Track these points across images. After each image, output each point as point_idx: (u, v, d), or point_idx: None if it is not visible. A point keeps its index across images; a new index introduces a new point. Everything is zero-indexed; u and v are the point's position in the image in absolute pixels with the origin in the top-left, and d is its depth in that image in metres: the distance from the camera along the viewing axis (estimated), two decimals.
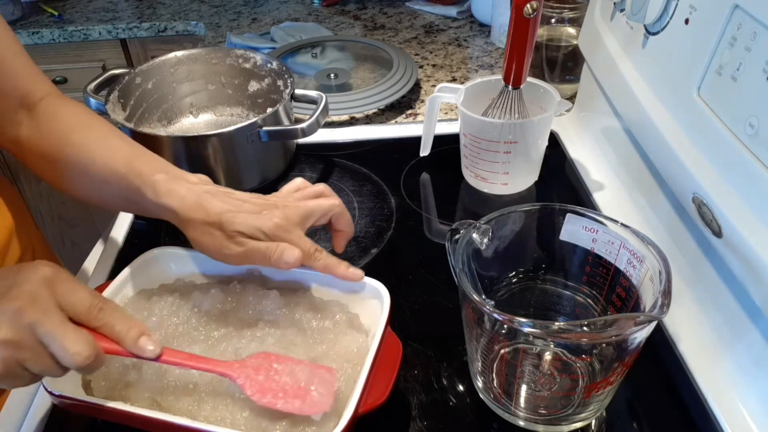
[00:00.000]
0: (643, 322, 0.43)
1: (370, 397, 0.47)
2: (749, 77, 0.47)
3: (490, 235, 0.53)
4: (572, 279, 0.57)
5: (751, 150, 0.47)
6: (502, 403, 0.52)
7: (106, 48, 1.47)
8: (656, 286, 0.46)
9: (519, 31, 0.65)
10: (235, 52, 0.89)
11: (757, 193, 0.46)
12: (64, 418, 0.54)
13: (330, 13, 1.39)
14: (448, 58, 1.14)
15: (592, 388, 0.49)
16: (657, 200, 0.66)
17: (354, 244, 0.72)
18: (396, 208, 0.77)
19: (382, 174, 0.82)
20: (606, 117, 0.77)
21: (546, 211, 0.55)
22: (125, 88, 0.82)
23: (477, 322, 0.49)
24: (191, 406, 0.48)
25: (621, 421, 0.53)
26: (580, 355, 0.53)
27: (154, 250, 0.60)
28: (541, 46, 0.93)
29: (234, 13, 1.43)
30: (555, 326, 0.43)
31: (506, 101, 0.72)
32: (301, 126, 0.76)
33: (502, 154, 0.73)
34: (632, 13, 0.62)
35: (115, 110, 0.79)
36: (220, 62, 0.89)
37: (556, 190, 0.80)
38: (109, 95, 0.79)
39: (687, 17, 0.56)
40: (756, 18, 0.46)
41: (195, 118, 0.91)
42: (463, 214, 0.78)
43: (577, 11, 0.91)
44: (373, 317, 0.53)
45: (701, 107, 0.53)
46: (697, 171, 0.52)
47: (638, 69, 0.65)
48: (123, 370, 0.50)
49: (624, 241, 0.50)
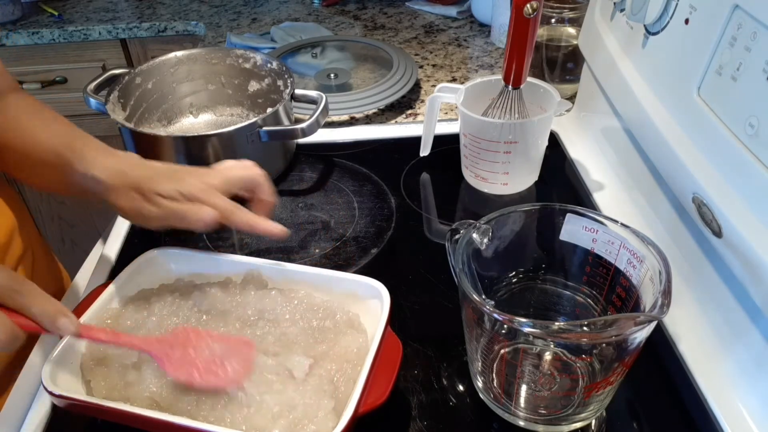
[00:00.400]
0: (643, 322, 0.43)
1: (370, 397, 0.47)
2: (749, 77, 0.47)
3: (490, 235, 0.53)
4: (572, 279, 0.57)
5: (751, 150, 0.47)
6: (502, 403, 0.52)
7: (106, 48, 1.47)
8: (656, 286, 0.46)
9: (519, 31, 0.65)
10: (235, 52, 0.89)
11: (757, 193, 0.46)
12: (64, 418, 0.54)
13: (330, 13, 1.39)
14: (448, 58, 1.14)
15: (592, 388, 0.49)
16: (657, 200, 0.66)
17: (354, 244, 0.72)
18: (396, 208, 0.77)
19: (382, 174, 0.82)
20: (606, 117, 0.77)
21: (546, 211, 0.55)
22: (125, 88, 0.82)
23: (477, 322, 0.49)
24: (190, 406, 0.48)
25: (621, 421, 0.53)
26: (580, 355, 0.53)
27: (154, 250, 0.60)
28: (541, 46, 0.93)
29: (234, 13, 1.43)
30: (555, 326, 0.43)
31: (506, 101, 0.72)
32: (301, 126, 0.76)
33: (502, 154, 0.73)
34: (632, 13, 0.62)
35: (115, 110, 0.79)
36: (220, 62, 0.89)
37: (556, 190, 0.80)
38: (109, 95, 0.79)
39: (687, 17, 0.56)
40: (756, 18, 0.46)
41: (195, 118, 0.91)
42: (463, 214, 0.78)
43: (577, 11, 0.91)
44: (373, 317, 0.53)
45: (701, 107, 0.53)
46: (697, 171, 0.52)
47: (638, 69, 0.65)
48: (123, 370, 0.50)
49: (624, 241, 0.50)
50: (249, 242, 0.73)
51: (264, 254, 0.71)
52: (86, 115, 1.47)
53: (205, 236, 0.74)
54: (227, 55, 0.89)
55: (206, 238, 0.74)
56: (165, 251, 0.60)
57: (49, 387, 0.47)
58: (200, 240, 0.73)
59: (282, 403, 0.47)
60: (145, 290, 0.58)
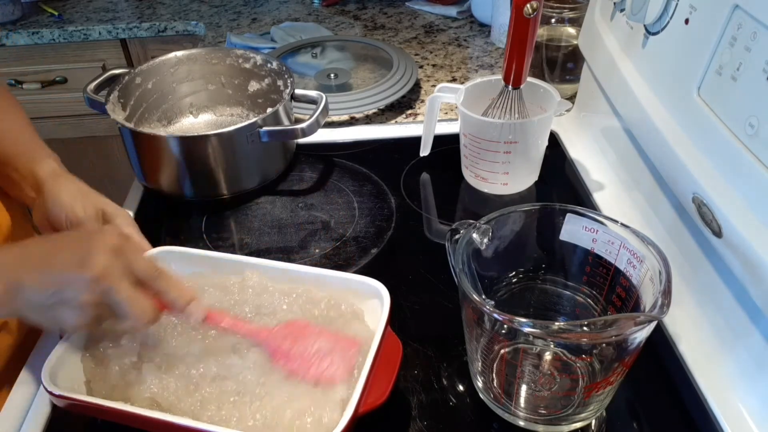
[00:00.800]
0: (643, 322, 0.43)
1: (371, 397, 0.47)
2: (749, 77, 0.47)
3: (490, 235, 0.53)
4: (572, 279, 0.57)
5: (751, 150, 0.47)
6: (502, 403, 0.52)
7: (106, 48, 1.47)
8: (656, 286, 0.46)
9: (519, 31, 0.65)
10: (235, 52, 0.89)
11: (757, 193, 0.46)
12: (64, 418, 0.54)
13: (330, 13, 1.39)
14: (448, 58, 1.14)
15: (592, 388, 0.49)
16: (657, 200, 0.66)
17: (354, 244, 0.72)
18: (396, 208, 0.77)
19: (382, 174, 0.82)
20: (606, 117, 0.77)
21: (546, 211, 0.55)
22: (125, 87, 0.82)
23: (477, 322, 0.49)
24: (193, 407, 0.48)
25: (621, 421, 0.53)
26: (580, 355, 0.53)
27: (155, 250, 0.60)
28: (541, 46, 0.93)
29: (234, 13, 1.43)
30: (555, 326, 0.43)
31: (506, 101, 0.72)
32: (301, 126, 0.76)
33: (502, 154, 0.73)
34: (632, 13, 0.62)
35: (115, 110, 0.79)
36: (220, 62, 0.89)
37: (556, 190, 0.80)
38: (109, 95, 0.79)
39: (687, 17, 0.56)
40: (756, 18, 0.46)
41: (195, 118, 0.91)
42: (463, 214, 0.78)
43: (577, 11, 0.91)
44: (373, 317, 0.53)
45: (701, 107, 0.53)
46: (697, 171, 0.52)
47: (638, 69, 0.65)
48: (123, 370, 0.50)
49: (624, 241, 0.50)
50: (249, 242, 0.73)
51: (264, 254, 0.71)
52: (86, 115, 1.47)
53: (205, 236, 0.74)
54: (227, 55, 0.89)
55: (206, 238, 0.74)
56: (165, 251, 0.60)
57: (49, 387, 0.47)
58: (200, 240, 0.73)
59: (287, 401, 0.47)
60: None
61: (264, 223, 0.76)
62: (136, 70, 0.84)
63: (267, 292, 0.56)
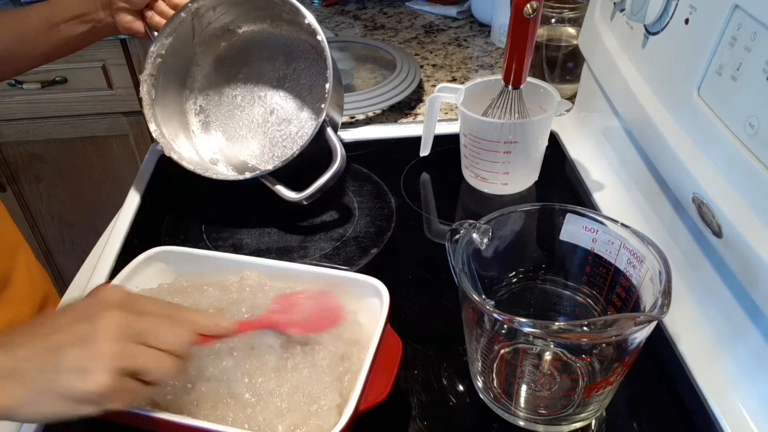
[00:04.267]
0: (643, 322, 0.43)
1: (371, 395, 0.47)
2: (749, 77, 0.47)
3: (490, 235, 0.53)
4: (572, 279, 0.57)
5: (751, 150, 0.47)
6: (502, 403, 0.52)
7: (106, 48, 1.47)
8: (656, 286, 0.46)
9: (519, 31, 0.65)
10: None
11: (757, 193, 0.46)
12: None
13: (330, 13, 1.39)
14: (448, 58, 1.14)
15: (592, 388, 0.49)
16: (657, 200, 0.66)
17: (354, 244, 0.72)
18: (396, 208, 0.77)
19: (382, 174, 0.82)
20: (606, 117, 0.77)
21: (546, 211, 0.55)
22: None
23: (477, 322, 0.49)
24: (191, 405, 0.47)
25: (621, 421, 0.53)
26: (580, 355, 0.53)
27: (154, 250, 0.60)
28: (541, 46, 0.93)
29: None
30: (555, 326, 0.43)
31: (506, 101, 0.72)
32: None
33: (502, 154, 0.73)
34: (632, 13, 0.62)
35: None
36: None
37: (556, 190, 0.80)
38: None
39: (687, 17, 0.56)
40: (756, 18, 0.46)
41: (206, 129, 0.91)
42: (463, 214, 0.78)
43: (577, 11, 0.91)
44: (372, 315, 0.53)
45: (701, 107, 0.53)
46: (697, 171, 0.52)
47: (638, 69, 0.65)
48: None
49: (624, 241, 0.50)
50: (249, 242, 0.73)
51: (264, 254, 0.71)
52: (86, 115, 1.47)
53: (205, 236, 0.74)
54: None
55: (206, 238, 0.74)
56: (165, 251, 0.60)
57: None
58: (200, 240, 0.73)
59: (285, 399, 0.47)
60: (144, 290, 0.57)
61: (264, 223, 0.76)
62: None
63: (262, 291, 0.55)
